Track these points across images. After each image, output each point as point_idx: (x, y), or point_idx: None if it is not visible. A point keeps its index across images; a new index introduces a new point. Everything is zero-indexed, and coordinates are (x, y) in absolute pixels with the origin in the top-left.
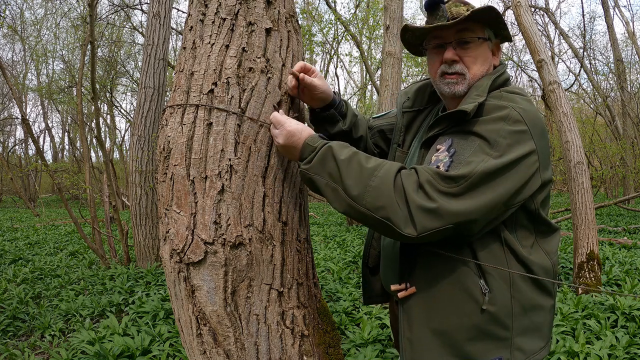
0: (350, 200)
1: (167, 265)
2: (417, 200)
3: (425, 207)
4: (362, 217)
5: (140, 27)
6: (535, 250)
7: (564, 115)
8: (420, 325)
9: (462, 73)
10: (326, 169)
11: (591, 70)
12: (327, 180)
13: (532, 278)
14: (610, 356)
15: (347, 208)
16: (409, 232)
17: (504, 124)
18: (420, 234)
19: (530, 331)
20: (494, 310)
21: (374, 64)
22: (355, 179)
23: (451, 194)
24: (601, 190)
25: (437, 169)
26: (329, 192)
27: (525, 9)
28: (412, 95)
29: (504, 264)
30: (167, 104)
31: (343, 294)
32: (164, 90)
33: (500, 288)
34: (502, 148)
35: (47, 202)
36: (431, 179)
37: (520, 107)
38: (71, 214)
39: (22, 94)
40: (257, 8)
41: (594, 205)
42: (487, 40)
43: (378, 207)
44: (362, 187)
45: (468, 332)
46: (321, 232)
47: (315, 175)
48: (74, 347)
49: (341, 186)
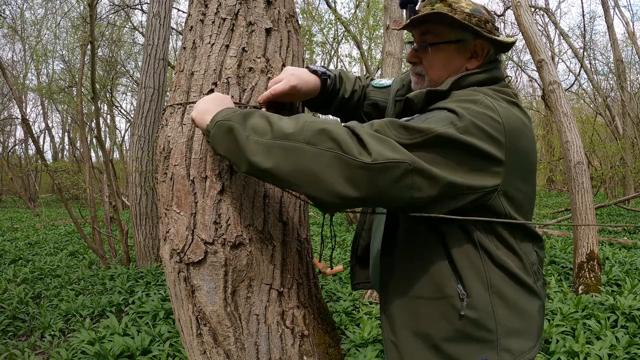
0: (281, 141)
1: (167, 265)
2: (368, 130)
3: (377, 135)
4: (295, 161)
5: (140, 27)
6: (513, 251)
7: (564, 115)
8: (402, 328)
9: (422, 75)
10: (250, 120)
11: (591, 70)
12: (249, 132)
13: (513, 279)
14: (610, 356)
15: (278, 153)
16: (361, 159)
17: (473, 105)
18: (376, 162)
19: (518, 332)
20: (473, 316)
21: (374, 64)
22: (289, 121)
23: (402, 144)
24: (601, 190)
25: (392, 119)
26: (249, 143)
27: (525, 9)
28: (407, 83)
29: (480, 267)
30: (167, 104)
31: (343, 294)
32: (164, 90)
33: (478, 292)
34: (467, 124)
35: (47, 202)
36: (383, 125)
37: (495, 100)
38: (71, 214)
39: (22, 94)
40: (257, 8)
41: (594, 205)
42: (453, 43)
43: (320, 139)
44: (300, 124)
45: (449, 335)
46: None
47: (234, 123)
48: (74, 347)
49: (272, 129)
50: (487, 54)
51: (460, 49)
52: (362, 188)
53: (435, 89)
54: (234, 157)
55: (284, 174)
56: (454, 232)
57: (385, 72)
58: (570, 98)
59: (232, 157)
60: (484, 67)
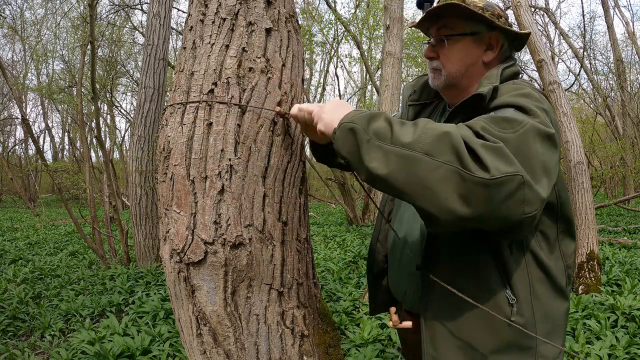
0: (399, 148)
1: (167, 265)
2: (479, 140)
3: (490, 145)
4: (412, 172)
5: (140, 27)
6: (555, 252)
7: (564, 115)
8: (445, 341)
9: (439, 69)
10: (372, 125)
11: (591, 70)
12: (371, 136)
13: (550, 282)
14: (610, 356)
15: (395, 161)
16: (481, 175)
17: (528, 99)
18: (494, 177)
19: (550, 337)
20: (521, 322)
21: (374, 64)
22: (410, 126)
23: (508, 141)
24: (601, 190)
25: (487, 115)
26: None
27: (525, 9)
28: (418, 88)
29: (524, 269)
30: (167, 104)
31: (343, 294)
32: (164, 90)
33: (524, 296)
34: (542, 119)
35: (47, 202)
36: (485, 125)
37: (537, 92)
38: (71, 214)
39: (22, 94)
40: (257, 8)
41: (594, 205)
42: (469, 35)
43: (438, 149)
44: (419, 130)
45: (495, 346)
46: (321, 232)
47: (357, 125)
48: (74, 347)
49: (392, 134)
50: (502, 47)
51: (476, 40)
52: (476, 205)
53: (495, 84)
54: (354, 161)
55: (399, 183)
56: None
57: (385, 72)
58: (570, 98)
59: (353, 161)
60: (510, 61)
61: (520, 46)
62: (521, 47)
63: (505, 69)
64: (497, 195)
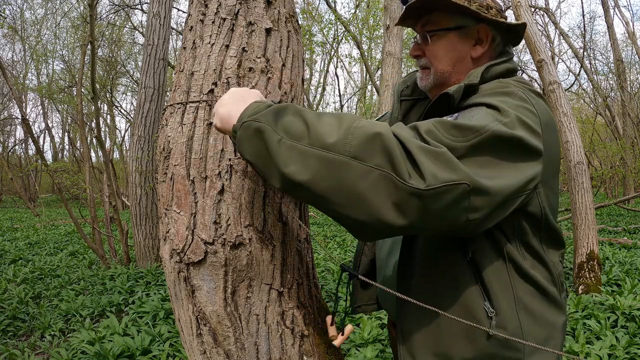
0: (321, 150)
1: (167, 265)
2: (418, 142)
3: (430, 149)
4: (337, 177)
5: (140, 27)
6: (541, 262)
7: (564, 115)
8: (422, 350)
9: (428, 67)
10: (282, 119)
11: (591, 70)
12: (281, 135)
13: (539, 293)
14: (610, 356)
15: (317, 165)
16: (414, 184)
17: (507, 98)
18: (430, 187)
19: (544, 346)
20: (502, 335)
21: (374, 64)
22: (331, 122)
23: (456, 149)
24: (601, 190)
25: (440, 119)
26: (282, 149)
27: (525, 9)
28: (411, 83)
29: (507, 281)
30: (167, 104)
31: (343, 294)
32: (164, 90)
33: (507, 309)
34: (512, 119)
35: (47, 202)
36: (432, 128)
37: (526, 92)
38: (71, 214)
39: (22, 94)
40: (257, 8)
41: (594, 205)
42: (453, 30)
43: (368, 153)
44: (344, 129)
45: (475, 356)
46: (321, 232)
47: (263, 124)
48: (74, 347)
49: (309, 133)
50: (494, 40)
51: (462, 35)
52: (410, 215)
53: (471, 82)
54: (263, 166)
55: (321, 190)
56: (482, 244)
57: (385, 72)
58: (570, 98)
59: (261, 165)
60: (502, 57)
61: (517, 39)
62: (518, 40)
63: (492, 66)
64: (433, 205)
